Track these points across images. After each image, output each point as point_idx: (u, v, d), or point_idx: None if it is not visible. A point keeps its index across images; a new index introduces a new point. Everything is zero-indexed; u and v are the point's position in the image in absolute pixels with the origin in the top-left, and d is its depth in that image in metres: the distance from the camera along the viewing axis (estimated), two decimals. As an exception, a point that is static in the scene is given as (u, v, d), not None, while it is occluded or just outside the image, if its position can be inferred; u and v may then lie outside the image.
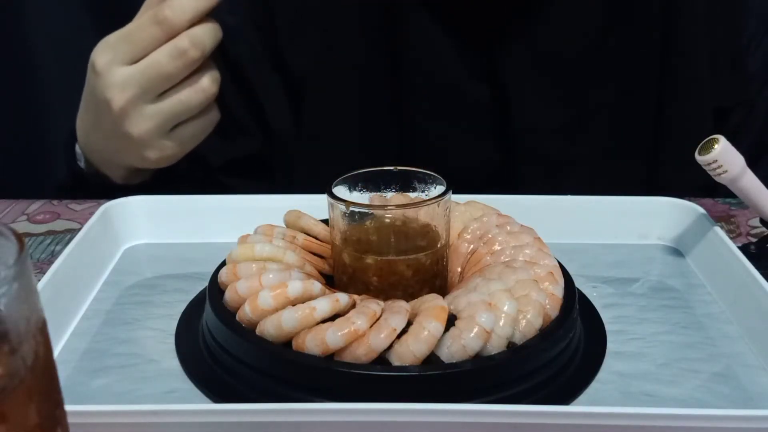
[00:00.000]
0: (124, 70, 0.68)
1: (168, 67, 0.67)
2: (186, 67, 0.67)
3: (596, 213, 0.66)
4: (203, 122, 0.72)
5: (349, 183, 0.54)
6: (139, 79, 0.67)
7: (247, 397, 0.46)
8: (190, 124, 0.71)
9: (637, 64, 0.79)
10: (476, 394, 0.44)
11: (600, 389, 0.48)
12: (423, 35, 0.78)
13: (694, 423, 0.41)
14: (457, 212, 0.57)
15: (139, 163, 0.73)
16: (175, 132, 0.71)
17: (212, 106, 0.72)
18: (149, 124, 0.69)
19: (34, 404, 0.28)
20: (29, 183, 1.05)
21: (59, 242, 0.69)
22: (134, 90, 0.67)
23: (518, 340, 0.46)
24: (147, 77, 0.67)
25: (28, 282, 0.28)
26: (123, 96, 0.68)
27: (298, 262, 0.53)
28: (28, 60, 1.19)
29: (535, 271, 0.51)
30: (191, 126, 0.71)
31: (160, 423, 0.41)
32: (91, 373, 0.50)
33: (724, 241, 0.59)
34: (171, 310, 0.56)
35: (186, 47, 0.66)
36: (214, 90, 0.70)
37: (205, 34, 0.67)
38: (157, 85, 0.68)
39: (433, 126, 0.81)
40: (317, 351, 0.44)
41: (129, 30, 0.68)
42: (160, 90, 0.68)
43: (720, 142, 0.56)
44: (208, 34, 0.68)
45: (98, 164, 0.76)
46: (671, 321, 0.55)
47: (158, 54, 0.67)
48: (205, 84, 0.69)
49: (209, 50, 0.68)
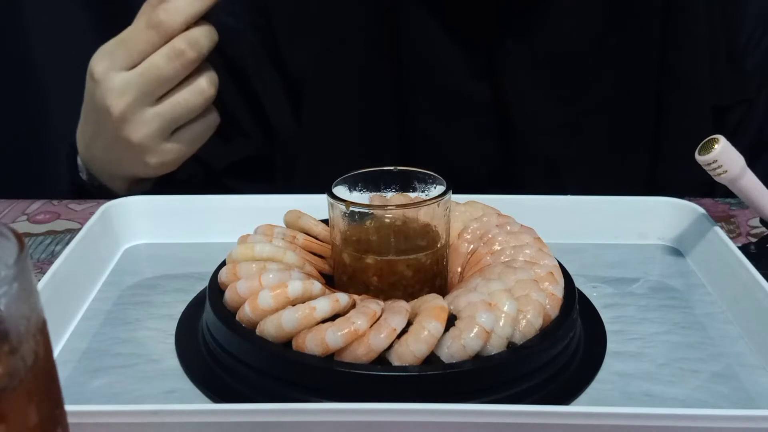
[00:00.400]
0: (122, 76, 0.68)
1: (166, 70, 0.67)
2: (184, 68, 0.67)
3: (596, 213, 0.66)
4: (203, 125, 0.72)
5: (349, 183, 0.54)
6: (137, 84, 0.67)
7: (247, 397, 0.46)
8: (190, 128, 0.71)
9: (636, 63, 0.79)
10: (476, 394, 0.44)
11: (600, 389, 0.48)
12: (423, 34, 0.78)
13: (694, 423, 0.41)
14: (457, 212, 0.57)
15: (140, 171, 0.73)
16: (175, 136, 0.71)
17: (211, 109, 0.72)
18: (149, 129, 0.69)
19: (34, 404, 0.28)
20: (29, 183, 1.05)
21: (59, 242, 0.69)
22: (133, 95, 0.67)
23: (518, 340, 0.46)
24: (145, 81, 0.67)
25: (28, 282, 0.28)
26: (122, 101, 0.68)
27: (298, 262, 0.53)
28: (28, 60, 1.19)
29: (535, 271, 0.51)
30: (191, 129, 0.71)
31: (160, 423, 0.41)
32: (91, 373, 0.50)
33: (724, 241, 0.59)
34: (171, 310, 0.56)
35: (183, 48, 0.66)
36: (212, 92, 0.70)
37: (201, 35, 0.67)
38: (156, 88, 0.68)
39: (433, 125, 0.81)
40: (317, 351, 0.44)
41: (125, 36, 0.68)
42: (159, 93, 0.68)
43: (720, 142, 0.56)
44: (205, 36, 0.67)
45: (100, 176, 0.76)
46: (671, 321, 0.55)
47: (155, 57, 0.67)
48: (204, 85, 0.69)
49: (206, 51, 0.68)
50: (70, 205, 0.76)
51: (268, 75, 0.82)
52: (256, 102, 0.83)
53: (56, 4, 1.18)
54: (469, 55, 0.78)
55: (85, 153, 0.76)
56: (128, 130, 0.69)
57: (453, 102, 0.80)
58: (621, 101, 0.80)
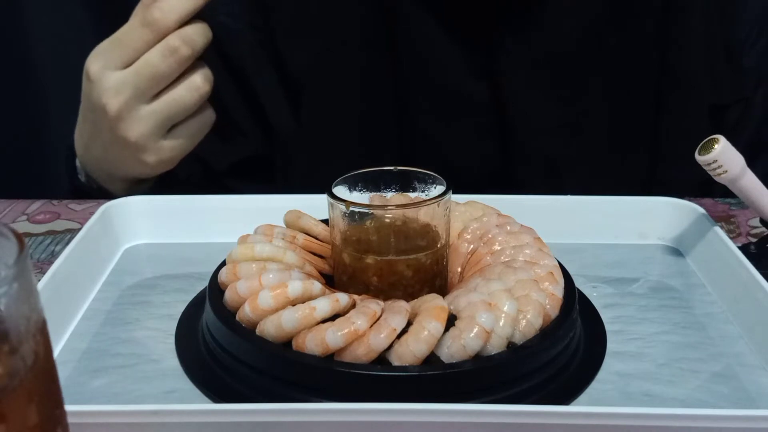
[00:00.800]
0: (118, 75, 0.68)
1: (161, 67, 0.67)
2: (178, 65, 0.68)
3: (596, 213, 0.66)
4: (199, 122, 0.72)
5: (349, 183, 0.54)
6: (132, 82, 0.68)
7: (247, 397, 0.46)
8: (186, 125, 0.71)
9: (635, 63, 0.79)
10: (476, 394, 0.44)
11: (600, 389, 0.48)
12: (422, 34, 0.78)
13: (694, 423, 0.41)
14: (457, 212, 0.57)
15: (138, 170, 0.73)
16: (171, 134, 0.71)
17: (206, 106, 0.72)
18: (145, 126, 0.69)
19: (34, 404, 0.28)
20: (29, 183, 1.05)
21: (59, 242, 0.69)
22: (129, 93, 0.68)
23: (518, 340, 0.46)
24: (140, 79, 0.67)
25: (28, 282, 0.28)
26: (118, 100, 0.68)
27: (298, 262, 0.53)
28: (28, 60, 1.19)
29: (535, 271, 0.51)
30: (187, 127, 0.72)
31: (160, 423, 0.41)
32: (91, 373, 0.50)
33: (724, 241, 0.59)
34: (171, 310, 0.56)
35: (177, 45, 0.67)
36: (207, 88, 0.70)
37: (195, 32, 0.68)
38: (151, 85, 0.68)
39: (433, 125, 0.81)
40: (317, 351, 0.44)
41: (119, 35, 0.69)
42: (154, 91, 0.68)
43: (720, 142, 0.56)
44: (198, 33, 0.68)
45: (98, 178, 0.77)
46: (671, 321, 0.55)
47: (150, 55, 0.67)
48: (199, 82, 0.69)
49: (200, 48, 0.68)
50: (70, 205, 0.76)
51: (267, 75, 0.82)
52: (255, 102, 0.83)
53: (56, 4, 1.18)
54: (469, 55, 0.78)
55: (84, 154, 0.76)
56: (125, 129, 0.69)
57: (452, 102, 0.80)
58: (620, 100, 0.80)
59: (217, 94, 0.72)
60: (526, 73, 0.78)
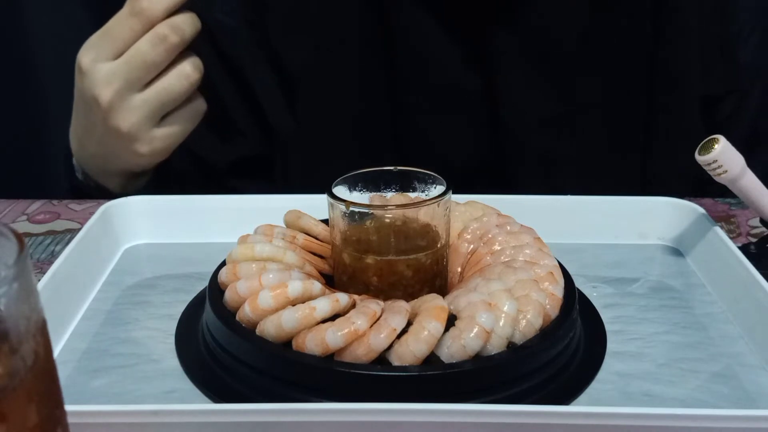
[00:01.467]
0: (108, 65, 0.69)
1: (150, 55, 0.68)
2: (168, 53, 0.68)
3: (596, 213, 0.66)
4: (190, 112, 0.73)
5: (349, 183, 0.54)
6: (123, 71, 0.68)
7: (247, 397, 0.46)
8: (177, 114, 0.72)
9: (627, 56, 0.79)
10: (476, 394, 0.44)
11: (600, 389, 0.48)
12: (418, 30, 0.78)
13: (694, 423, 0.41)
14: (457, 212, 0.57)
15: (132, 162, 0.74)
16: (163, 123, 0.72)
17: (197, 95, 0.73)
18: (137, 116, 0.70)
19: (34, 404, 0.28)
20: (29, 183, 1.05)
21: (59, 242, 0.69)
22: (119, 83, 0.68)
23: (518, 340, 0.46)
24: (131, 68, 0.68)
25: (28, 282, 0.28)
26: (109, 90, 0.69)
27: (298, 262, 0.53)
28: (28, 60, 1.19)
29: (535, 271, 0.51)
30: (178, 116, 0.72)
31: (160, 423, 0.41)
32: (91, 373, 0.50)
33: (724, 241, 0.59)
34: (171, 310, 0.56)
35: (166, 33, 0.68)
36: (197, 76, 0.71)
37: (183, 21, 0.69)
38: (142, 74, 0.69)
39: (428, 120, 0.81)
40: (317, 351, 0.44)
41: (108, 27, 0.70)
42: (145, 80, 0.69)
43: (720, 142, 0.56)
44: (186, 22, 0.69)
45: (94, 174, 0.77)
46: (671, 321, 0.55)
47: (140, 44, 0.68)
48: (188, 70, 0.70)
49: (189, 36, 0.69)
50: (70, 205, 0.76)
51: (264, 73, 0.82)
52: (253, 101, 0.83)
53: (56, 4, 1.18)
54: (462, 48, 0.78)
55: (78, 150, 0.77)
56: (117, 119, 0.70)
57: (447, 97, 0.80)
58: (613, 95, 0.80)
59: (216, 92, 0.73)
60: (519, 67, 0.78)
